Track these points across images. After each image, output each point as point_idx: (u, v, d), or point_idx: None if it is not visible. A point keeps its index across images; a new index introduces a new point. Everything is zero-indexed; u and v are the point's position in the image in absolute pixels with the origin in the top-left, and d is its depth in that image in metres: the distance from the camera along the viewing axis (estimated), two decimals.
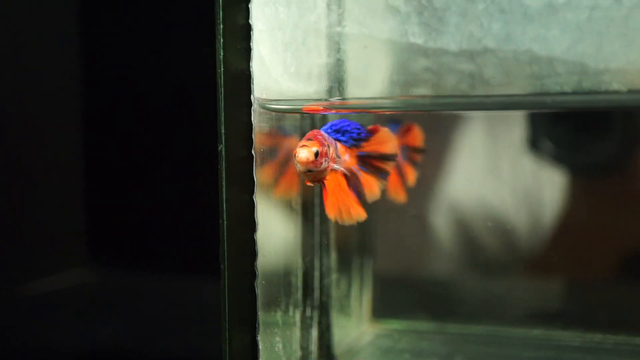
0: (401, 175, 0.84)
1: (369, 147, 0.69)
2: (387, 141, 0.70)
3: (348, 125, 0.69)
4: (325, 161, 0.66)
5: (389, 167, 0.71)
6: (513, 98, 0.64)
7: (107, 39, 0.95)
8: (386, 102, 0.69)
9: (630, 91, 0.62)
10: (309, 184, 0.68)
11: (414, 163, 0.85)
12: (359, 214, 0.69)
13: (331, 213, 0.68)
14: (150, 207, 1.01)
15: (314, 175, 0.66)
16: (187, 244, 1.00)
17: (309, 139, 0.66)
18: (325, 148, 0.66)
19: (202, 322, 0.96)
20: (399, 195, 0.85)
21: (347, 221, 0.68)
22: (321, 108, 0.71)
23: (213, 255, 0.70)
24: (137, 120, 0.95)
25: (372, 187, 0.70)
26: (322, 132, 0.68)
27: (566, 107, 0.70)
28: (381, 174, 0.70)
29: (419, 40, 0.65)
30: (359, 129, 0.69)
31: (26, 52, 0.96)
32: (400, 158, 0.82)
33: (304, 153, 0.64)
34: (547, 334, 0.91)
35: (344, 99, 0.70)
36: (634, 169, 0.87)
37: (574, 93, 0.62)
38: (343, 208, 0.68)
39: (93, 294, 1.06)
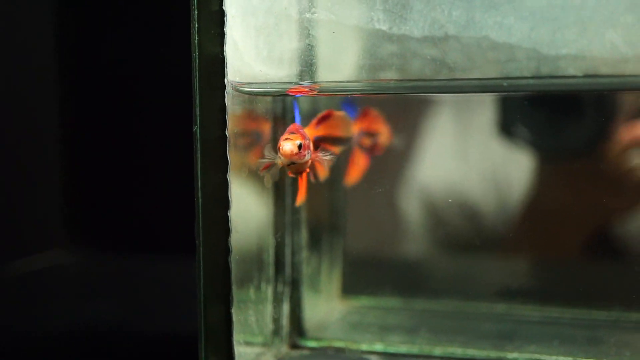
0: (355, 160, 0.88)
1: (323, 130, 0.74)
2: (340, 125, 0.75)
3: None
4: (308, 153, 0.70)
5: (337, 149, 0.75)
6: (472, 82, 0.67)
7: (84, 20, 0.96)
8: (355, 85, 0.72)
9: (585, 75, 0.65)
10: (291, 175, 0.72)
11: (370, 147, 0.88)
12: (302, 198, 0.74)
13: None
14: (127, 188, 1.02)
15: (297, 167, 0.70)
16: (165, 225, 1.02)
17: (292, 132, 0.69)
18: (307, 141, 0.70)
19: (180, 301, 0.98)
20: (352, 179, 0.89)
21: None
22: (307, 90, 0.75)
23: (191, 236, 0.73)
24: (114, 103, 0.96)
25: (322, 167, 0.74)
26: (300, 125, 0.72)
27: (523, 90, 0.73)
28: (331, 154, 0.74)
29: (384, 27, 0.68)
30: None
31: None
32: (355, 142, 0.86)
33: (288, 146, 0.68)
34: (509, 308, 0.94)
35: (314, 82, 0.72)
36: (597, 152, 0.90)
37: (531, 77, 0.65)
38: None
39: (71, 275, 1.07)
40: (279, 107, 0.82)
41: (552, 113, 0.90)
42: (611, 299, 0.91)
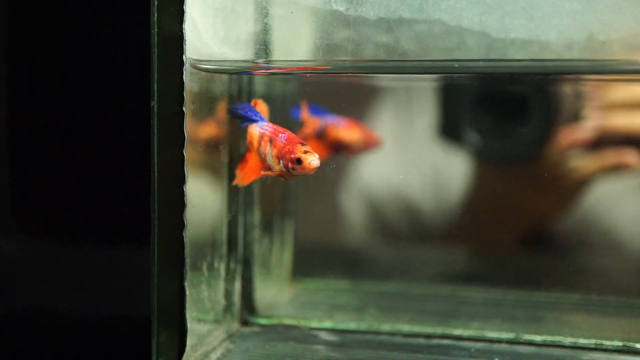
0: None
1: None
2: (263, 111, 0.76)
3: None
4: None
5: None
6: (424, 63, 0.69)
7: None
8: (310, 64, 0.74)
9: (532, 59, 0.68)
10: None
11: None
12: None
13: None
14: (77, 176, 1.01)
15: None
16: (114, 213, 1.01)
17: (302, 144, 0.67)
18: None
19: (131, 287, 0.98)
20: None
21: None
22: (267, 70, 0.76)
23: (141, 224, 0.73)
24: (63, 82, 0.94)
25: None
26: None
27: (473, 72, 0.76)
28: None
29: (341, 8, 0.70)
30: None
31: None
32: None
33: (317, 161, 0.66)
34: (453, 290, 0.98)
35: (270, 60, 0.74)
36: (538, 153, 0.94)
37: (481, 60, 0.68)
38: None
39: (16, 264, 1.05)
40: (235, 88, 0.83)
41: (493, 115, 0.94)
42: (551, 282, 0.95)
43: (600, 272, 0.95)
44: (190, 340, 0.76)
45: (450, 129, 0.96)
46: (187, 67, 0.72)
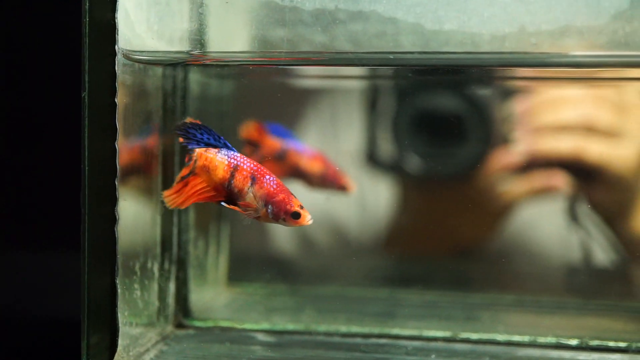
0: None
1: None
2: None
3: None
4: None
5: None
6: (360, 55, 0.70)
7: None
8: (246, 55, 0.73)
9: (465, 52, 0.69)
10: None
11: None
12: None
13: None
14: (3, 172, 0.98)
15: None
16: (43, 212, 0.98)
17: (293, 195, 0.67)
18: None
19: (59, 289, 0.95)
20: None
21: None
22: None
23: (72, 223, 0.71)
24: None
25: None
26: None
27: (408, 64, 0.76)
28: None
29: None
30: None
31: None
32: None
33: (312, 220, 0.67)
34: (391, 293, 0.98)
35: (205, 52, 0.73)
36: (471, 167, 0.96)
37: (417, 52, 0.69)
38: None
39: None
40: (170, 84, 0.82)
41: (427, 136, 0.95)
42: (486, 285, 0.96)
43: (533, 276, 0.97)
44: (122, 342, 0.73)
45: (381, 141, 0.97)
46: (119, 58, 0.70)
